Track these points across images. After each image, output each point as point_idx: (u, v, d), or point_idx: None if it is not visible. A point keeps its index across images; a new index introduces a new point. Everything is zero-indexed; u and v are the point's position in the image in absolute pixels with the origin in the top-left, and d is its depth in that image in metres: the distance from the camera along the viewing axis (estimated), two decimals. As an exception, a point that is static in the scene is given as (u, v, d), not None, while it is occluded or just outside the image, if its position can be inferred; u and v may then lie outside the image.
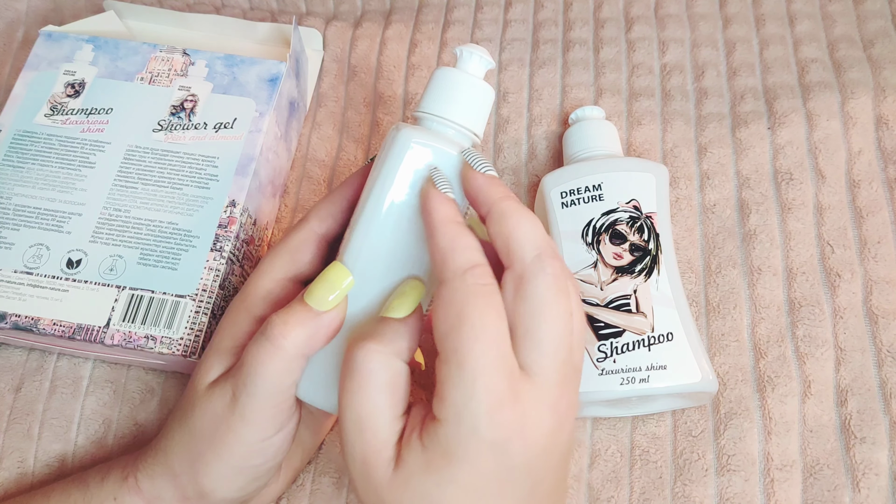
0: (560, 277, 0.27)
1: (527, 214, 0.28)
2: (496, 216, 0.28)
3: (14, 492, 0.38)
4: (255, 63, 0.43)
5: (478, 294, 0.26)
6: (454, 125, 0.31)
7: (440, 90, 0.32)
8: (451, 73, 0.32)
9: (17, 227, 0.39)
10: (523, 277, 0.27)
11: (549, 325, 0.26)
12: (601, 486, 0.37)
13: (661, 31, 0.50)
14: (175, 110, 0.42)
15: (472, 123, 0.32)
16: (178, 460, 0.32)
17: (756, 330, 0.40)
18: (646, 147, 0.45)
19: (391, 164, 0.30)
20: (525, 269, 0.27)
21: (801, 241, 0.42)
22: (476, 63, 0.32)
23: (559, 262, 0.27)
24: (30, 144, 0.41)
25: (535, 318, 0.26)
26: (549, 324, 0.26)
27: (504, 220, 0.27)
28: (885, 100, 0.46)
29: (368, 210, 0.30)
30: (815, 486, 0.36)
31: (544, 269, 0.27)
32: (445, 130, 0.31)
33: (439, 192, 0.28)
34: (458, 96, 0.32)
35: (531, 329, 0.26)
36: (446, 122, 0.31)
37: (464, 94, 0.32)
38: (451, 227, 0.27)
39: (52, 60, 0.43)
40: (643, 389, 0.35)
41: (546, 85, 0.48)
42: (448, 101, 0.31)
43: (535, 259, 0.27)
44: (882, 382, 0.38)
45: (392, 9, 0.53)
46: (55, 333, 0.37)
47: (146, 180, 0.40)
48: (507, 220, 0.27)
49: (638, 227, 0.38)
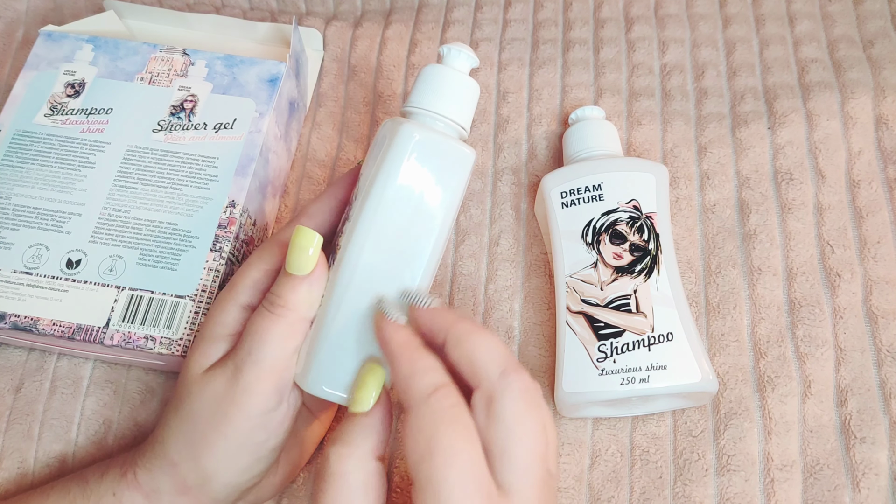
0: (528, 391, 0.27)
1: (484, 333, 0.28)
2: (454, 341, 0.28)
3: (14, 492, 0.38)
4: (254, 63, 0.43)
5: (445, 419, 0.26)
6: (443, 119, 0.33)
7: (428, 86, 0.34)
8: (438, 69, 0.34)
9: (17, 227, 0.39)
10: (492, 397, 0.27)
11: (524, 444, 0.27)
12: (601, 486, 0.37)
13: (661, 31, 0.50)
14: (175, 110, 0.42)
15: (459, 117, 0.34)
16: (175, 448, 0.32)
17: (756, 330, 0.40)
18: (646, 147, 0.45)
19: (394, 157, 0.31)
20: (493, 387, 0.27)
21: (801, 241, 0.42)
22: (462, 60, 0.34)
23: (524, 375, 0.28)
24: (29, 144, 0.41)
25: (509, 438, 0.26)
26: (524, 442, 0.27)
27: (462, 342, 0.28)
28: (885, 100, 0.46)
29: (371, 202, 0.31)
30: (815, 486, 0.36)
31: (511, 386, 0.27)
32: (434, 124, 0.33)
33: (390, 323, 0.29)
34: (445, 92, 0.33)
35: (507, 449, 0.26)
36: (435, 117, 0.33)
37: (451, 90, 0.34)
38: (408, 351, 0.28)
39: (51, 60, 0.43)
40: (643, 389, 0.35)
41: (546, 85, 0.48)
42: (436, 97, 0.33)
43: (500, 376, 0.27)
44: (882, 382, 0.38)
45: (392, 9, 0.53)
46: (55, 334, 0.37)
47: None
48: (465, 342, 0.28)
49: (638, 227, 0.38)
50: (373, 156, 0.33)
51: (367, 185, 0.32)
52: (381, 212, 0.31)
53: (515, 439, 0.26)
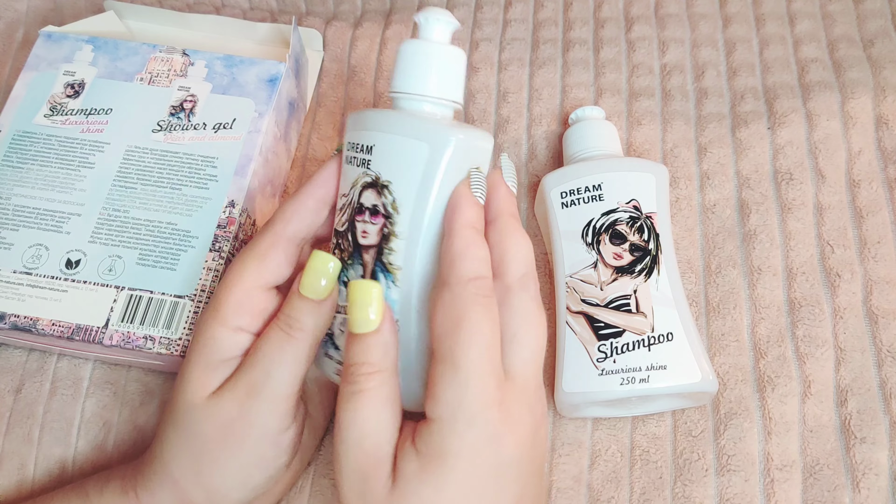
0: (538, 297, 0.30)
1: (525, 236, 0.30)
2: (500, 227, 0.30)
3: (14, 498, 0.37)
4: (254, 63, 0.43)
5: (478, 303, 0.28)
6: (432, 99, 0.31)
7: (410, 65, 0.31)
8: (417, 45, 0.31)
9: (17, 227, 0.39)
10: (511, 290, 0.29)
11: (533, 334, 0.29)
12: (601, 487, 0.37)
13: (661, 31, 0.50)
14: (174, 111, 0.42)
15: (449, 93, 0.31)
16: (178, 467, 0.32)
17: (756, 330, 0.40)
18: (646, 147, 0.45)
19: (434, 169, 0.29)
20: (513, 282, 0.29)
21: (801, 241, 0.42)
22: (440, 29, 0.31)
23: (538, 286, 0.30)
24: (29, 145, 0.41)
25: (521, 327, 0.29)
26: (533, 332, 0.29)
27: (506, 234, 0.30)
28: (885, 100, 0.46)
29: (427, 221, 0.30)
30: (815, 486, 0.36)
31: (528, 287, 0.29)
32: (422, 106, 0.31)
33: (471, 196, 0.30)
34: (429, 68, 0.31)
35: (517, 336, 0.29)
36: (424, 98, 0.31)
37: (434, 65, 0.31)
38: (469, 232, 0.29)
39: (51, 61, 0.43)
40: (643, 389, 0.35)
41: (546, 85, 0.48)
42: (420, 76, 0.31)
43: (522, 276, 0.29)
44: (882, 382, 0.38)
45: (392, 9, 0.53)
46: (54, 334, 0.37)
47: (145, 181, 0.40)
48: (508, 236, 0.30)
49: (638, 227, 0.38)
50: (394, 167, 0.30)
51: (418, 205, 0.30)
52: (434, 224, 0.30)
53: (527, 329, 0.29)
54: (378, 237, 0.31)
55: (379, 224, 0.30)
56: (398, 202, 0.30)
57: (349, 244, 0.31)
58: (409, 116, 0.31)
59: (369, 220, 0.31)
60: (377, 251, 0.31)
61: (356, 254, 0.31)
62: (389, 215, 0.30)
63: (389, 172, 0.30)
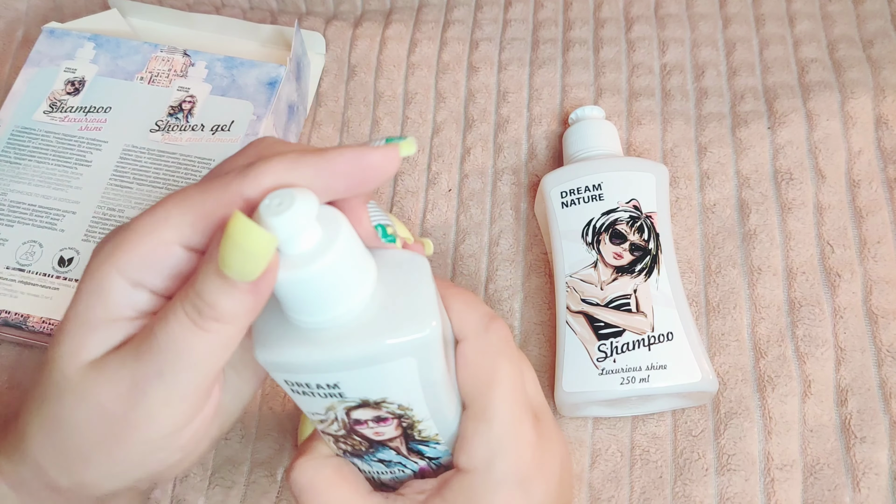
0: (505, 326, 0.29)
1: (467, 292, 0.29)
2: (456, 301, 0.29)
3: None
4: (254, 66, 0.43)
5: (503, 351, 0.27)
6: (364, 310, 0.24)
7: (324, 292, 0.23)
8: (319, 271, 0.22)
9: (12, 223, 0.39)
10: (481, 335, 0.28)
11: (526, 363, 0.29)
12: (602, 486, 0.37)
13: (661, 31, 0.50)
14: (173, 111, 0.42)
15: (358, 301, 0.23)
16: (43, 455, 0.25)
17: (756, 330, 0.40)
18: (646, 147, 0.45)
19: (429, 363, 0.24)
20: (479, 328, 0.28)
21: (801, 241, 0.42)
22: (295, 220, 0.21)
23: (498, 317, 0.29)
24: (27, 141, 0.41)
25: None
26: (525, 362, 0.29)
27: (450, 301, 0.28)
28: (885, 100, 0.46)
29: (430, 399, 0.26)
30: (815, 485, 0.36)
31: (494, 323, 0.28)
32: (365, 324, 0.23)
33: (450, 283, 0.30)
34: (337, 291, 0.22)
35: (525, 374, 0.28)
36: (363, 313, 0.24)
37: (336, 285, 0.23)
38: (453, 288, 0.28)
39: (53, 57, 0.43)
40: (643, 389, 0.35)
41: (546, 84, 0.48)
42: (331, 301, 0.23)
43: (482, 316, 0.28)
44: (882, 382, 0.38)
45: (392, 8, 0.53)
46: (44, 331, 0.37)
47: (141, 180, 0.40)
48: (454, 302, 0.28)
49: (638, 226, 0.38)
50: (378, 388, 0.24)
51: (428, 392, 0.25)
52: (452, 388, 0.27)
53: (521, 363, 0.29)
54: (398, 430, 0.26)
55: (392, 424, 0.26)
56: (405, 403, 0.25)
57: (362, 443, 0.27)
58: (367, 345, 0.23)
59: (377, 426, 0.26)
60: (404, 437, 0.27)
61: (377, 445, 0.27)
62: (402, 415, 0.26)
63: (377, 393, 0.25)
